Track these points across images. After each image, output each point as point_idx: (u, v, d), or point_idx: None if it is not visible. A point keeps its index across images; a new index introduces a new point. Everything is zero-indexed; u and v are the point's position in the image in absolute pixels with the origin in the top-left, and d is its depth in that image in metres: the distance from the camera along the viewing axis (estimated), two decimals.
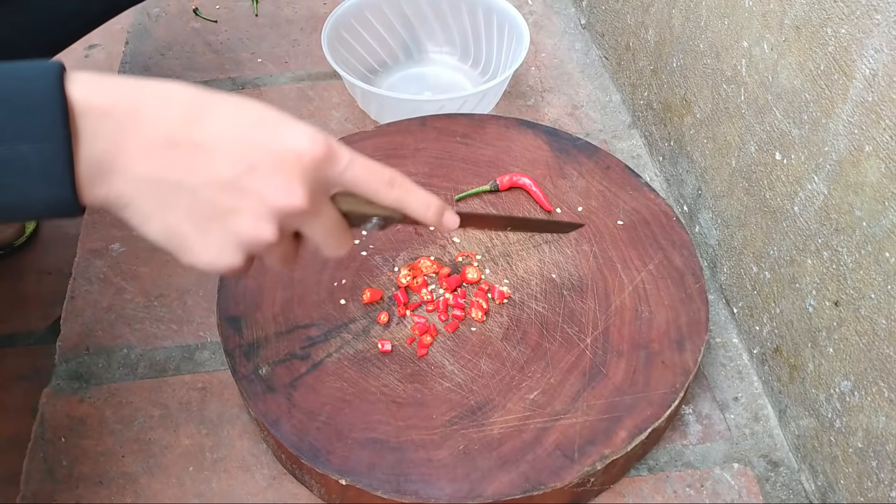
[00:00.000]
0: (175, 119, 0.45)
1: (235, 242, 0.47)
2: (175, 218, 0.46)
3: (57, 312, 0.83)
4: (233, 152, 0.46)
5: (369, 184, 0.50)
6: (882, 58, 0.55)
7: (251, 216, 0.46)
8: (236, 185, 0.46)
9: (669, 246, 0.78)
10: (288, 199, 0.46)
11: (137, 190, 0.45)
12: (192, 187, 0.45)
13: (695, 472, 0.71)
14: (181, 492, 0.69)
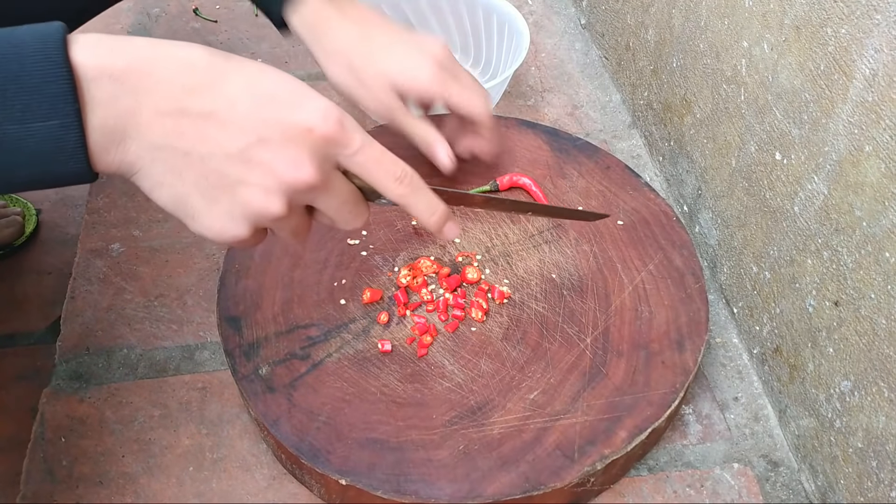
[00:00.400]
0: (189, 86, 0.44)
1: (243, 214, 0.47)
2: (184, 186, 0.46)
3: (57, 312, 0.83)
4: (244, 123, 0.45)
5: (377, 174, 0.50)
6: (882, 58, 0.55)
7: (259, 188, 0.46)
8: (246, 157, 0.45)
9: (669, 246, 0.78)
10: (296, 174, 0.46)
11: (149, 156, 0.45)
12: (201, 156, 0.45)
13: (695, 472, 0.71)
14: (181, 492, 0.69)
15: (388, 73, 0.73)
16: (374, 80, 0.73)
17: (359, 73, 0.73)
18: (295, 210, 0.49)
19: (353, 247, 0.78)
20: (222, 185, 0.46)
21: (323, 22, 0.73)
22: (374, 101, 0.74)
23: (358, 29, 0.74)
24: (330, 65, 0.74)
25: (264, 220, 0.48)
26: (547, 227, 0.80)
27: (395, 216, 0.81)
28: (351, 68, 0.73)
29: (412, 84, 0.73)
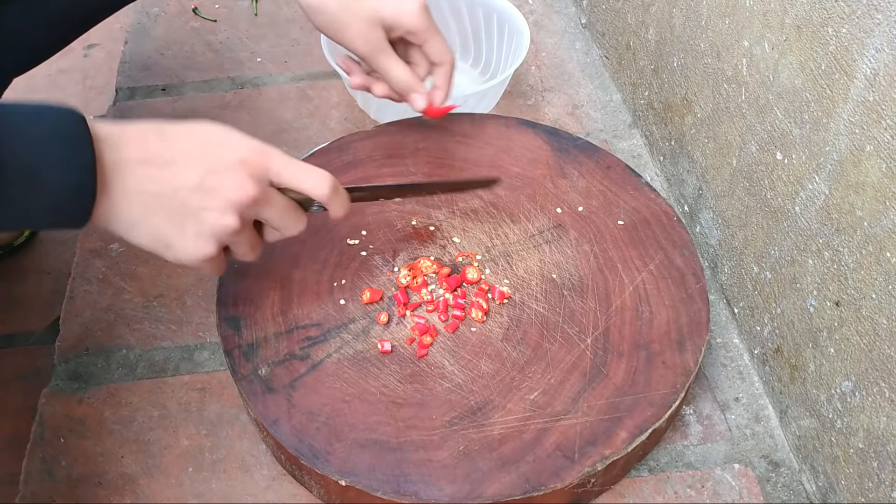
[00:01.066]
0: (150, 141, 0.57)
1: (208, 233, 0.59)
2: (158, 221, 0.57)
3: (56, 312, 0.82)
4: (196, 164, 0.58)
5: (303, 179, 0.63)
6: (883, 57, 0.54)
7: (216, 209, 0.58)
8: (202, 187, 0.58)
9: (670, 246, 0.78)
10: (241, 192, 0.58)
11: (126, 201, 0.56)
12: (168, 194, 0.57)
13: (695, 472, 0.71)
14: (180, 492, 0.69)
15: (378, 7, 0.74)
16: (363, 13, 0.73)
17: (345, 5, 0.73)
18: (247, 224, 0.61)
19: (353, 247, 0.78)
20: (188, 212, 0.58)
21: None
22: (360, 37, 0.75)
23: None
24: None
25: (225, 235, 0.59)
26: (547, 226, 0.80)
27: (395, 216, 0.81)
28: (339, 2, 0.74)
29: (401, 19, 0.74)
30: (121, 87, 1.07)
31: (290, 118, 1.02)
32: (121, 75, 1.09)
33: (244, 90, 1.06)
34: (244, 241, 0.62)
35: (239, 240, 0.62)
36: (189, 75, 1.08)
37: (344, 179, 0.83)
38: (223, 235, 0.59)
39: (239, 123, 1.00)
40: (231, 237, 0.60)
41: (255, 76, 1.08)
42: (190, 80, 1.08)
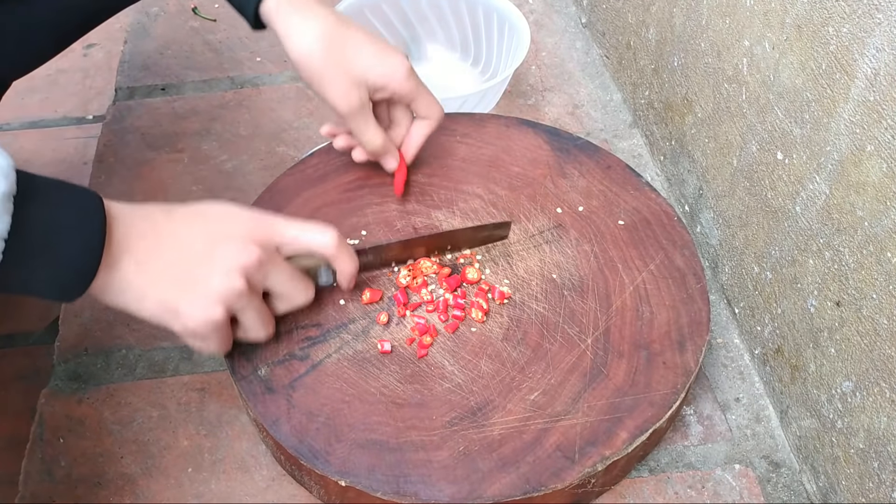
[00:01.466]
0: (157, 220, 0.60)
1: (214, 296, 0.60)
2: (166, 289, 0.59)
3: (55, 313, 0.82)
4: (201, 235, 0.61)
5: (309, 238, 0.66)
6: (884, 57, 0.54)
7: (222, 273, 0.60)
8: (207, 255, 0.60)
9: (671, 246, 0.78)
10: (246, 256, 0.61)
11: (136, 270, 0.58)
12: (175, 263, 0.59)
13: (696, 472, 0.70)
14: (180, 493, 0.69)
15: (366, 67, 0.73)
16: (348, 73, 0.72)
17: (333, 62, 0.72)
18: (254, 289, 0.63)
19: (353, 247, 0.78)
20: (195, 279, 0.60)
21: (301, 3, 0.72)
22: (341, 96, 0.73)
23: (336, 17, 0.73)
24: (301, 48, 0.72)
25: (232, 297, 0.61)
26: (547, 226, 0.80)
27: (395, 216, 0.81)
28: (327, 52, 0.72)
29: (388, 83, 0.74)
30: (120, 86, 1.07)
31: (289, 118, 1.02)
32: (120, 75, 1.09)
33: (244, 90, 1.06)
34: (252, 309, 0.63)
35: (247, 306, 0.62)
36: (188, 75, 1.08)
37: (344, 179, 0.83)
38: (230, 298, 0.60)
39: (239, 123, 1.01)
40: (238, 301, 0.61)
41: (254, 76, 1.08)
42: (189, 79, 1.08)
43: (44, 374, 0.77)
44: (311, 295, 0.68)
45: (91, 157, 0.97)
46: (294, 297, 0.67)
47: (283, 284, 0.65)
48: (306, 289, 0.67)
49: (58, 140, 1.02)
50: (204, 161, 0.96)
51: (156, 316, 0.60)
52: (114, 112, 1.03)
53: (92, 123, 1.04)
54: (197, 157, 0.97)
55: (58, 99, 1.07)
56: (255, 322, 0.65)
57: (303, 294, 0.67)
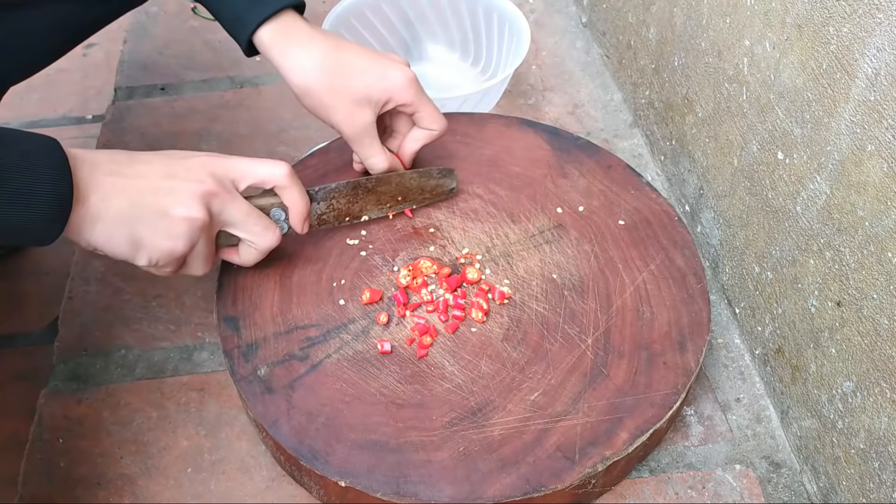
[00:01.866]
0: (120, 160, 0.63)
1: (178, 230, 0.62)
2: (131, 224, 0.61)
3: (55, 313, 0.82)
4: (159, 168, 0.63)
5: (260, 170, 0.67)
6: (884, 57, 0.54)
7: (182, 203, 0.62)
8: (168, 188, 0.62)
9: (671, 246, 0.77)
10: (203, 185, 0.63)
11: (104, 205, 0.60)
12: (137, 196, 0.61)
13: (696, 473, 0.70)
14: (179, 493, 0.69)
15: (368, 84, 0.72)
16: (350, 95, 0.72)
17: (333, 89, 0.72)
18: (213, 221, 0.65)
19: (353, 247, 0.78)
20: (157, 210, 0.62)
21: (296, 33, 0.72)
22: (345, 120, 0.73)
23: (332, 42, 0.73)
24: (301, 80, 0.72)
25: (194, 229, 0.63)
26: (548, 226, 0.80)
27: (395, 216, 0.81)
28: (327, 78, 0.72)
29: (391, 94, 0.73)
30: (120, 86, 1.07)
31: (289, 118, 1.02)
32: (120, 75, 1.09)
33: (243, 89, 1.06)
34: (204, 242, 0.65)
35: (202, 241, 0.65)
36: (188, 75, 1.08)
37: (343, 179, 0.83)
38: (191, 231, 0.63)
39: (238, 123, 1.01)
40: (198, 233, 0.63)
41: (254, 75, 1.08)
42: (189, 79, 1.08)
43: (43, 375, 0.77)
44: (274, 236, 0.69)
45: None
46: (257, 238, 0.68)
47: (243, 220, 0.66)
48: (267, 226, 0.68)
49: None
50: None
51: (121, 251, 0.62)
52: (113, 112, 1.03)
53: (91, 123, 1.04)
54: None
55: (57, 99, 1.07)
56: (200, 258, 0.66)
57: (265, 233, 0.68)
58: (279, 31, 0.72)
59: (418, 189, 0.79)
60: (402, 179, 0.78)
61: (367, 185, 0.77)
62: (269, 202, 0.69)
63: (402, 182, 0.78)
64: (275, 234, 0.69)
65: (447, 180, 0.81)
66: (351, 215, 0.77)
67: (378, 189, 0.77)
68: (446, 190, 0.81)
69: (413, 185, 0.79)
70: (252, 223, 0.67)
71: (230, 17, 0.73)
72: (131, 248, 0.62)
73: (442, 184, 0.80)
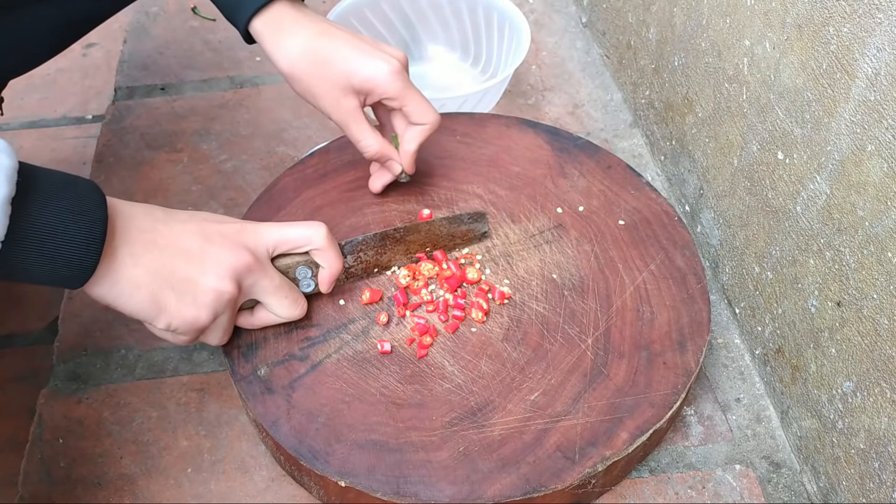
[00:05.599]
0: (157, 216, 0.62)
1: (205, 300, 0.62)
2: (158, 284, 0.60)
3: (55, 313, 0.82)
4: (196, 235, 0.63)
5: (298, 236, 0.67)
6: (884, 57, 0.54)
7: (214, 274, 0.62)
8: (200, 254, 0.62)
9: (671, 246, 0.77)
10: (238, 258, 0.63)
11: (133, 262, 0.59)
12: (170, 260, 0.61)
13: (696, 473, 0.70)
14: (179, 493, 0.69)
15: (350, 72, 0.71)
16: (333, 82, 0.72)
17: (318, 75, 0.72)
18: (241, 294, 0.65)
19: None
20: (187, 277, 0.61)
21: (286, 21, 0.72)
22: (331, 106, 0.73)
23: (320, 28, 0.73)
24: (287, 67, 0.72)
25: (221, 302, 0.63)
26: (548, 226, 0.80)
27: (395, 216, 0.81)
28: (311, 65, 0.72)
29: (374, 84, 0.72)
30: (120, 86, 1.07)
31: (289, 118, 1.01)
32: (120, 74, 1.09)
33: (243, 89, 1.06)
34: (227, 315, 0.65)
35: (225, 313, 0.64)
36: (188, 74, 1.08)
37: (344, 179, 0.83)
38: (218, 304, 0.63)
39: (238, 123, 1.01)
40: (224, 306, 0.63)
41: (254, 75, 1.08)
42: (189, 79, 1.08)
43: (43, 375, 0.77)
44: (300, 308, 0.69)
45: (90, 157, 0.97)
46: (283, 309, 0.68)
47: (273, 293, 0.67)
48: (296, 300, 0.69)
49: (57, 140, 1.01)
50: (203, 161, 0.96)
51: (142, 311, 0.60)
52: (113, 112, 1.03)
53: (91, 123, 1.04)
54: (196, 156, 0.97)
55: (57, 99, 1.07)
56: (220, 329, 0.66)
57: (292, 306, 0.68)
58: (272, 20, 0.72)
59: (448, 236, 0.77)
60: (431, 227, 0.76)
61: (396, 236, 0.75)
62: (296, 261, 0.69)
63: (432, 230, 0.76)
64: (302, 307, 0.69)
65: (478, 225, 0.78)
66: (380, 266, 0.76)
67: (407, 238, 0.76)
68: (478, 234, 0.78)
69: (443, 233, 0.77)
70: (282, 296, 0.67)
71: (228, 6, 0.73)
72: (153, 310, 0.60)
73: (473, 229, 0.78)
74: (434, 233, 0.76)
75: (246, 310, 0.69)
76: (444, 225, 0.77)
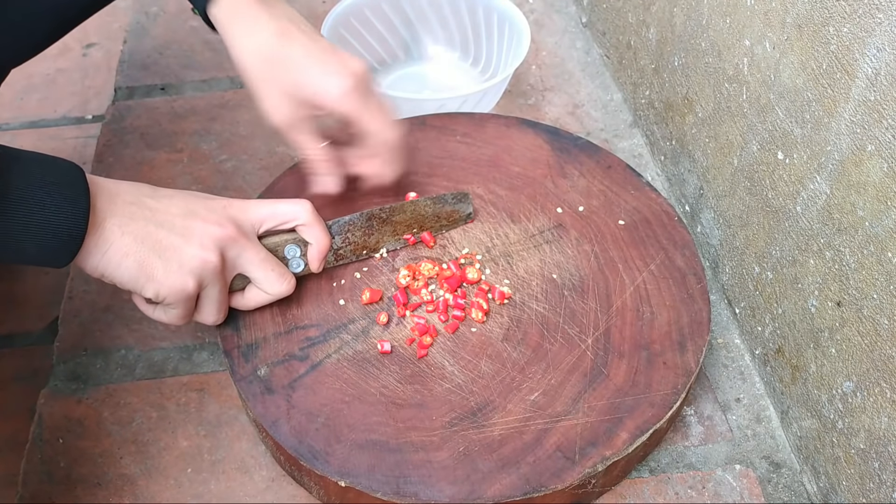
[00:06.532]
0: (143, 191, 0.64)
1: (190, 268, 0.63)
2: (146, 252, 0.61)
3: (55, 313, 0.82)
4: (181, 205, 0.64)
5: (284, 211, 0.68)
6: (884, 57, 0.54)
7: (198, 244, 0.63)
8: (184, 226, 0.63)
9: (671, 246, 0.77)
10: (222, 229, 0.64)
11: (120, 230, 0.60)
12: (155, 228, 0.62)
13: (696, 473, 0.70)
14: (179, 493, 0.69)
15: (300, 84, 0.69)
16: (281, 87, 0.70)
17: (266, 76, 0.70)
18: (226, 266, 0.66)
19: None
20: (173, 247, 0.62)
21: (246, 14, 0.70)
22: (274, 110, 0.71)
23: (278, 27, 0.70)
24: (239, 62, 0.71)
25: (205, 271, 0.64)
26: (548, 226, 0.80)
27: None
28: (259, 69, 0.70)
29: (322, 100, 0.70)
30: (119, 86, 1.07)
31: None
32: (119, 75, 1.09)
33: (243, 89, 1.06)
34: (216, 288, 0.66)
35: (214, 282, 0.65)
36: (188, 74, 1.08)
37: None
38: (203, 270, 0.63)
39: (238, 123, 1.01)
40: (210, 275, 0.64)
41: None
42: (189, 79, 1.08)
43: (43, 375, 0.77)
44: (288, 284, 0.69)
45: (90, 157, 0.97)
46: (269, 283, 0.68)
47: (258, 265, 0.67)
48: (282, 274, 0.69)
49: (57, 140, 1.01)
50: (203, 161, 0.96)
51: (131, 279, 0.62)
52: (113, 112, 1.03)
53: (91, 123, 1.04)
54: (196, 156, 0.97)
55: (57, 99, 1.07)
56: (213, 303, 0.67)
57: (279, 280, 0.68)
58: (232, 11, 0.70)
59: (434, 216, 0.78)
60: (416, 207, 0.77)
61: (382, 216, 0.76)
62: (284, 239, 0.70)
63: (417, 210, 0.77)
64: (289, 282, 0.70)
65: (463, 205, 0.79)
66: (368, 248, 0.76)
67: (393, 219, 0.76)
68: (463, 216, 0.79)
69: (428, 213, 0.78)
70: (268, 269, 0.68)
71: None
72: (140, 277, 0.62)
73: (458, 209, 0.79)
74: (419, 213, 0.77)
75: (237, 291, 0.70)
76: (428, 205, 0.78)
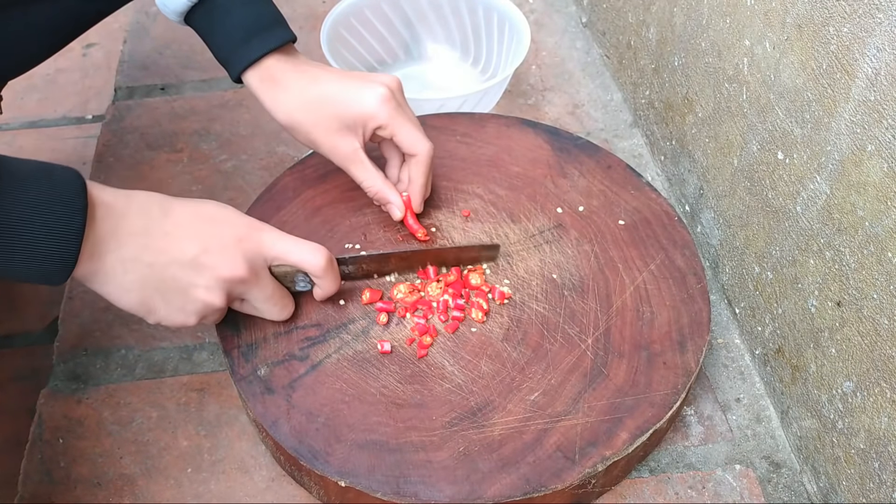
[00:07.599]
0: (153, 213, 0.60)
1: (194, 309, 0.63)
2: (148, 290, 0.60)
3: (55, 313, 0.82)
4: (193, 239, 0.61)
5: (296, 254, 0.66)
6: (884, 57, 0.54)
7: (205, 286, 0.62)
8: (195, 263, 0.61)
9: (671, 246, 0.77)
10: (233, 271, 0.62)
11: (122, 267, 0.59)
12: (162, 265, 0.60)
13: (696, 473, 0.70)
14: (179, 493, 0.69)
15: (340, 112, 0.72)
16: (327, 123, 0.72)
17: (314, 124, 0.73)
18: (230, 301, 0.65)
19: (352, 249, 0.78)
20: (178, 287, 0.61)
21: (278, 74, 0.73)
22: (330, 150, 0.74)
23: (311, 76, 0.73)
24: (286, 115, 0.73)
25: (208, 311, 0.63)
26: (548, 226, 0.80)
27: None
28: (307, 114, 0.73)
29: (362, 115, 0.72)
30: (119, 86, 1.07)
31: None
32: (119, 75, 1.09)
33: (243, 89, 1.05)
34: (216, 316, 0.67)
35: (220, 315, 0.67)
36: (188, 74, 1.08)
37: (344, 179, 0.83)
38: (206, 311, 0.64)
39: (238, 123, 1.01)
40: (213, 314, 0.65)
41: None
42: (189, 79, 1.08)
43: (43, 375, 0.77)
44: (286, 315, 0.70)
45: (90, 157, 0.97)
46: (268, 314, 0.69)
47: (262, 302, 0.67)
48: (283, 309, 0.69)
49: (57, 140, 1.02)
50: (203, 161, 0.96)
51: (131, 309, 0.61)
52: (113, 112, 1.03)
53: (91, 123, 1.04)
54: (196, 156, 0.97)
55: (57, 99, 1.07)
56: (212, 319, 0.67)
57: (278, 314, 0.70)
58: (266, 75, 0.73)
59: (455, 260, 0.76)
60: (439, 252, 0.76)
61: (401, 256, 0.75)
62: (294, 269, 0.68)
63: (440, 255, 0.76)
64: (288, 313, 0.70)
65: (489, 253, 0.77)
66: (379, 273, 0.75)
67: (411, 258, 0.75)
68: (485, 258, 0.77)
69: (450, 258, 0.76)
70: (271, 305, 0.68)
71: (221, 57, 0.74)
72: (142, 310, 0.62)
73: (481, 256, 0.77)
74: (441, 257, 0.76)
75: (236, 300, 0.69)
76: (452, 251, 0.76)
